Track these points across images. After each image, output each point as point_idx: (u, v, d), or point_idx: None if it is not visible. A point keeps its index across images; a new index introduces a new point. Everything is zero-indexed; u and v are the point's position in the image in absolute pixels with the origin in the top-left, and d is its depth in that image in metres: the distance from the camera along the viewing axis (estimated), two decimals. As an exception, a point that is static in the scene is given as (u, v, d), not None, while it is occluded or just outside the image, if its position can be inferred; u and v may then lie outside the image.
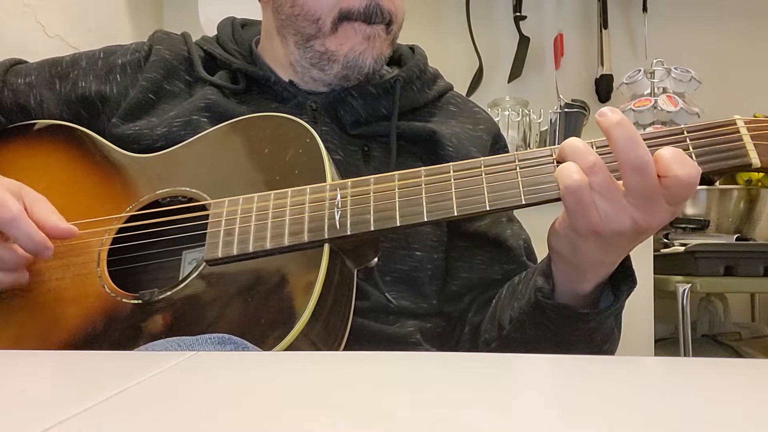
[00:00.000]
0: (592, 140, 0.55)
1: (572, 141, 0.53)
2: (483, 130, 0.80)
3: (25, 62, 0.82)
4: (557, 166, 0.53)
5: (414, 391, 0.31)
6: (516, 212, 0.81)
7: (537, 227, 0.79)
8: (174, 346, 0.47)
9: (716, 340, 1.57)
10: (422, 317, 0.72)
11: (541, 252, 0.78)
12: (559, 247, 0.57)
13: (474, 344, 0.72)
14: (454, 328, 0.76)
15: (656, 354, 1.26)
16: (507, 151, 0.83)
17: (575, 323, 0.59)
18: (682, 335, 1.30)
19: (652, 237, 1.20)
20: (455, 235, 0.76)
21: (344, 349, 0.61)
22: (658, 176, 0.50)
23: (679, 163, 0.49)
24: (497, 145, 0.82)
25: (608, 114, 0.50)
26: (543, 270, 0.60)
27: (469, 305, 0.75)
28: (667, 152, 0.50)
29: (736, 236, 1.40)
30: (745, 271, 1.26)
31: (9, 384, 0.34)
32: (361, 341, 0.65)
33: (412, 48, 0.85)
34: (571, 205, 0.52)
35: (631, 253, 0.63)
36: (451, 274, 0.76)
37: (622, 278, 0.59)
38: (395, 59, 0.84)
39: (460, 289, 0.75)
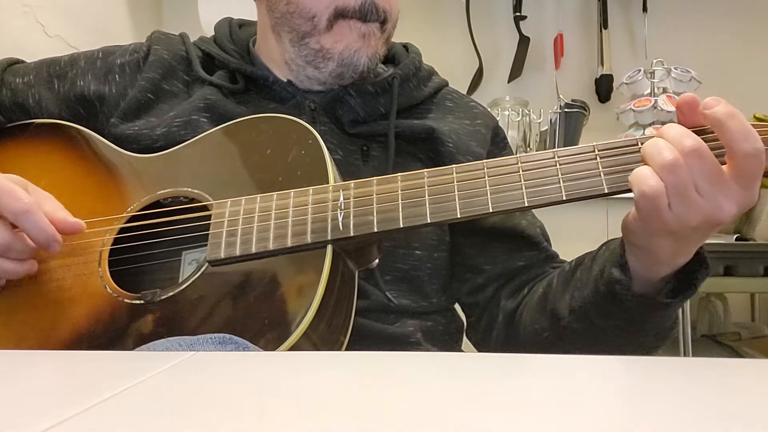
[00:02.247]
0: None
1: (655, 141, 0.52)
2: (481, 124, 0.80)
3: (23, 62, 0.82)
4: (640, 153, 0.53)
5: (414, 391, 0.31)
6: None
7: (548, 217, 0.80)
8: (175, 346, 0.47)
9: (716, 340, 1.58)
10: (422, 316, 0.72)
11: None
12: (635, 241, 0.56)
13: (512, 332, 0.72)
14: (480, 317, 0.76)
15: (656, 354, 1.26)
16: (507, 144, 0.83)
17: (654, 312, 0.58)
18: (682, 335, 1.30)
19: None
20: (469, 233, 0.76)
21: (345, 350, 0.61)
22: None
23: (745, 139, 0.49)
24: (497, 138, 0.82)
25: (717, 104, 0.50)
26: (617, 261, 0.58)
27: (495, 293, 0.75)
28: (726, 131, 0.49)
29: (735, 236, 1.41)
30: (745, 271, 1.27)
31: (9, 384, 0.34)
32: (361, 341, 0.65)
33: (405, 46, 0.85)
34: (645, 209, 0.51)
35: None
36: (474, 269, 0.76)
37: (695, 264, 0.58)
38: (390, 58, 0.84)
39: (486, 281, 0.75)
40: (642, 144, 0.53)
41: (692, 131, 0.52)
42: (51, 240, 0.58)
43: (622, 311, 0.59)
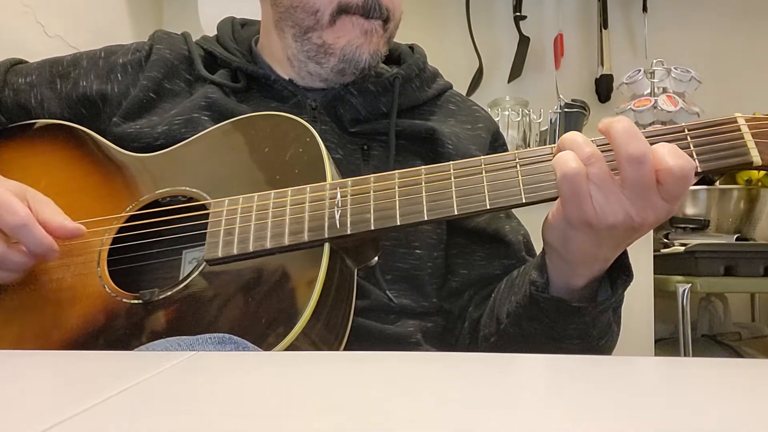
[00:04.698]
0: (593, 138, 0.55)
1: (571, 134, 0.53)
2: (482, 128, 0.80)
3: (26, 62, 0.82)
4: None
5: (414, 391, 0.31)
6: (515, 210, 0.81)
7: (537, 224, 0.80)
8: (174, 346, 0.47)
9: (716, 340, 1.57)
10: (423, 316, 0.72)
11: (540, 249, 0.78)
12: (551, 240, 0.57)
13: (473, 339, 0.72)
14: (455, 325, 0.76)
15: (656, 354, 1.26)
16: (506, 149, 0.83)
17: (570, 317, 0.59)
18: (682, 335, 1.30)
19: (652, 237, 1.20)
20: (454, 233, 0.76)
21: (344, 349, 0.61)
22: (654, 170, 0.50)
23: (672, 155, 0.50)
24: (496, 143, 0.82)
25: (609, 118, 0.52)
26: (538, 263, 0.60)
27: (468, 301, 0.75)
28: (661, 146, 0.51)
29: (736, 236, 1.40)
30: (745, 271, 1.26)
31: (9, 384, 0.34)
32: (361, 341, 0.65)
33: (411, 47, 0.85)
34: (566, 193, 0.52)
35: (631, 254, 0.63)
36: (451, 270, 0.76)
37: (619, 273, 0.59)
38: (395, 58, 0.84)
39: (460, 285, 0.75)
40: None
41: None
42: (48, 251, 0.59)
43: (542, 314, 0.60)
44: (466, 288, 0.75)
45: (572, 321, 0.59)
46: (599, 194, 0.51)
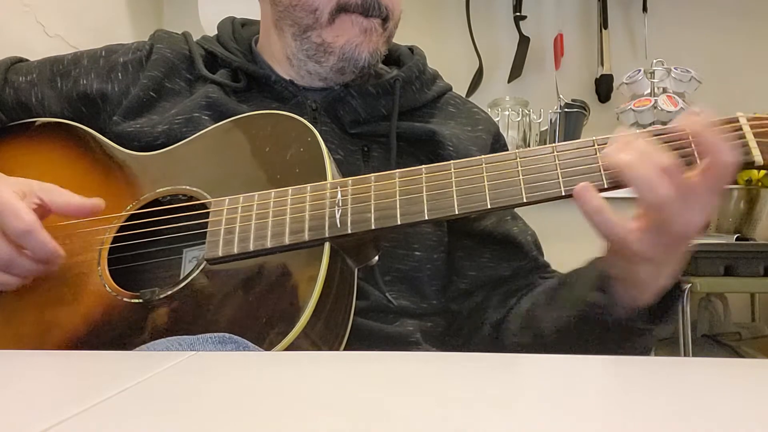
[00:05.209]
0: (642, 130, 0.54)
1: (637, 141, 0.51)
2: (482, 130, 0.80)
3: (26, 60, 0.82)
4: (602, 161, 0.52)
5: (414, 391, 0.31)
6: (519, 211, 0.81)
7: (540, 224, 0.80)
8: (175, 346, 0.47)
9: (716, 340, 1.58)
10: (422, 317, 0.72)
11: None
12: (619, 274, 0.55)
13: (497, 343, 0.71)
14: (461, 326, 0.76)
15: (656, 354, 1.26)
16: (507, 151, 0.83)
17: (633, 337, 0.58)
18: (682, 335, 1.30)
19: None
20: (461, 235, 0.76)
21: (344, 349, 0.61)
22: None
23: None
24: (497, 144, 0.82)
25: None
26: (599, 285, 0.57)
27: (482, 303, 0.75)
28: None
29: (736, 236, 1.41)
30: (745, 271, 1.27)
31: (9, 384, 0.34)
32: (361, 341, 0.65)
33: (411, 49, 0.85)
34: (656, 220, 0.49)
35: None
36: (459, 272, 0.76)
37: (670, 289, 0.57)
38: (394, 60, 0.84)
39: (469, 287, 0.75)
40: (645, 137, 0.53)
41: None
42: (53, 256, 0.59)
43: (600, 335, 0.58)
44: (474, 289, 0.75)
45: (634, 340, 0.58)
46: (684, 207, 0.49)
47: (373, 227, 0.56)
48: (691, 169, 0.50)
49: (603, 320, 0.57)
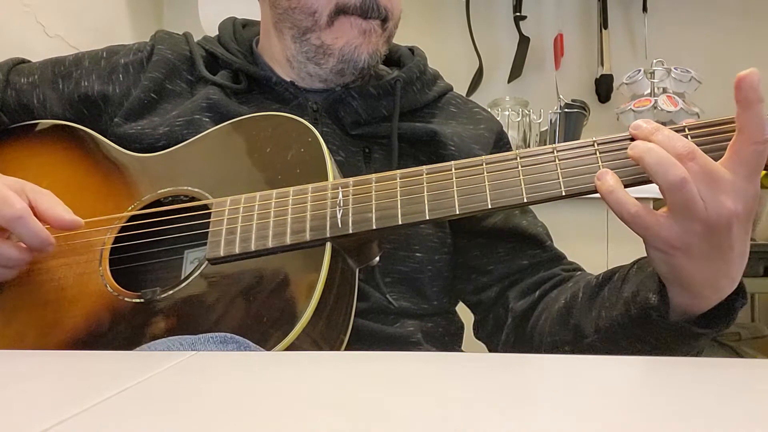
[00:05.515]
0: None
1: (652, 126, 0.49)
2: (485, 128, 0.80)
3: (28, 62, 0.82)
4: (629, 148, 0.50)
5: (414, 391, 0.31)
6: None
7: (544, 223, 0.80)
8: (176, 346, 0.47)
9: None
10: (423, 318, 0.72)
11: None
12: (665, 274, 0.53)
13: (523, 335, 0.71)
14: (485, 318, 0.76)
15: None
16: (510, 148, 0.83)
17: (687, 340, 0.56)
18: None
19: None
20: (473, 235, 0.76)
21: (345, 349, 0.61)
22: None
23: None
24: (500, 142, 0.81)
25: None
26: (654, 287, 0.55)
27: (501, 294, 0.75)
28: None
29: (736, 236, 1.40)
30: (745, 271, 1.26)
31: (9, 384, 0.34)
32: (361, 341, 0.65)
33: (411, 49, 0.85)
34: (678, 202, 0.47)
35: (631, 253, 0.62)
36: (478, 270, 0.76)
37: (733, 293, 0.56)
38: (395, 60, 0.84)
39: (490, 280, 0.76)
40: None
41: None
42: (44, 243, 0.59)
43: (653, 338, 0.57)
44: (496, 282, 0.75)
45: (686, 344, 0.56)
46: (709, 189, 0.47)
47: (374, 227, 0.56)
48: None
49: (658, 322, 0.55)
